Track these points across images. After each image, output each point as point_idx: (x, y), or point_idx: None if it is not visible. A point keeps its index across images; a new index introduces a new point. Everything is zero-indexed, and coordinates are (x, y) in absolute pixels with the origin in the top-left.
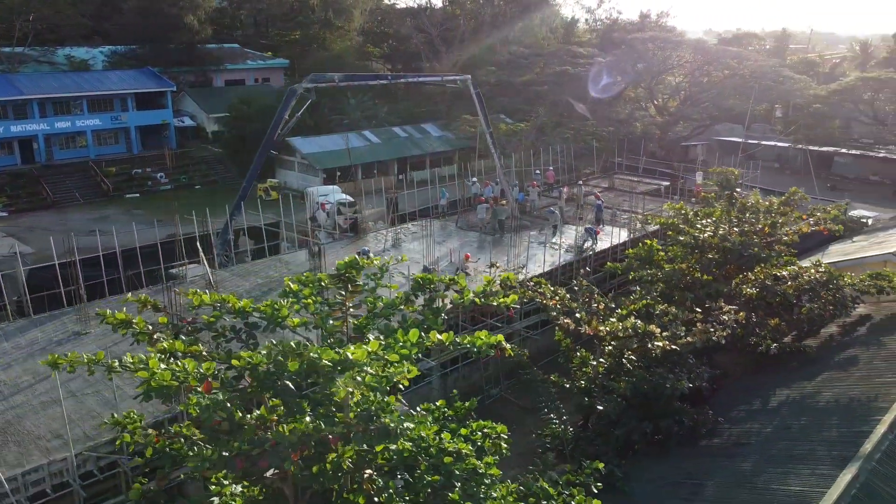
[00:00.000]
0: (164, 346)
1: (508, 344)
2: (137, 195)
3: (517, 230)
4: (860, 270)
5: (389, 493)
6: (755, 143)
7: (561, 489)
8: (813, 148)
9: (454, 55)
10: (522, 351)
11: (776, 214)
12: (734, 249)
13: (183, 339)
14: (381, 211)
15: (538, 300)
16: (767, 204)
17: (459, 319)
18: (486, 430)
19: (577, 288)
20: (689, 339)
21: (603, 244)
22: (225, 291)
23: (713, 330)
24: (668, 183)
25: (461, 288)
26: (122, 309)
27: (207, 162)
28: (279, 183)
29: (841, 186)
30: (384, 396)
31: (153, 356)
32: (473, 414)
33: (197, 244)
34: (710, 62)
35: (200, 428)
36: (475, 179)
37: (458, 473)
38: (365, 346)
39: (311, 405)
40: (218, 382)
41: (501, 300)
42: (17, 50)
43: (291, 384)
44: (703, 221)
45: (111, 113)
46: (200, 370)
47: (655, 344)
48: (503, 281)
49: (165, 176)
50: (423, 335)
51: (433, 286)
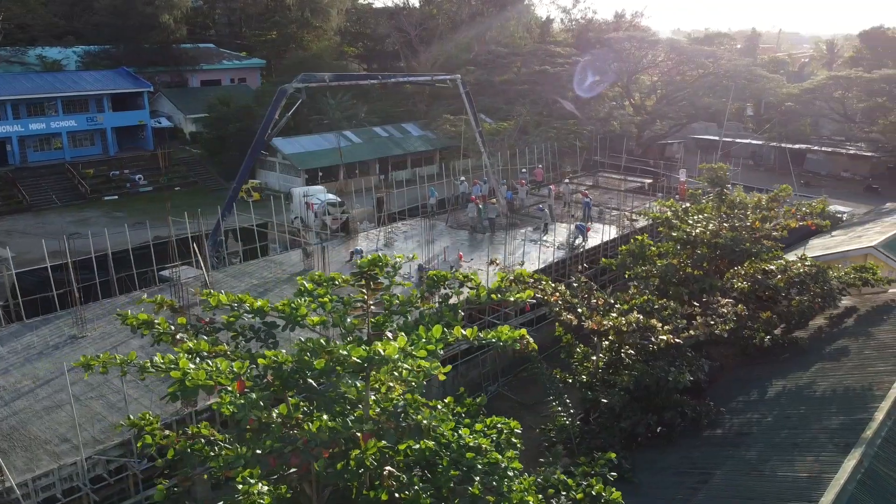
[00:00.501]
0: (188, 346)
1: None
2: (116, 197)
3: (508, 228)
4: (844, 264)
5: (415, 489)
6: (730, 140)
7: (579, 480)
8: (787, 145)
9: (432, 54)
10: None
11: (764, 210)
12: (726, 245)
13: (205, 338)
14: (367, 211)
15: (539, 296)
16: (756, 200)
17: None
18: (500, 425)
19: (575, 284)
20: (691, 332)
21: (593, 241)
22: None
23: (714, 323)
24: (650, 180)
25: (476, 285)
26: (127, 310)
27: (187, 163)
28: (260, 184)
29: (814, 183)
30: (421, 391)
31: (181, 356)
32: (484, 410)
33: (191, 245)
34: (684, 62)
35: (227, 427)
36: (463, 178)
37: (479, 468)
38: (393, 342)
39: (325, 403)
40: (251, 382)
41: (518, 295)
42: None
43: (315, 382)
44: (695, 217)
45: (87, 114)
46: (233, 369)
47: (659, 338)
48: (516, 277)
49: (144, 178)
50: (445, 331)
51: (448, 283)
